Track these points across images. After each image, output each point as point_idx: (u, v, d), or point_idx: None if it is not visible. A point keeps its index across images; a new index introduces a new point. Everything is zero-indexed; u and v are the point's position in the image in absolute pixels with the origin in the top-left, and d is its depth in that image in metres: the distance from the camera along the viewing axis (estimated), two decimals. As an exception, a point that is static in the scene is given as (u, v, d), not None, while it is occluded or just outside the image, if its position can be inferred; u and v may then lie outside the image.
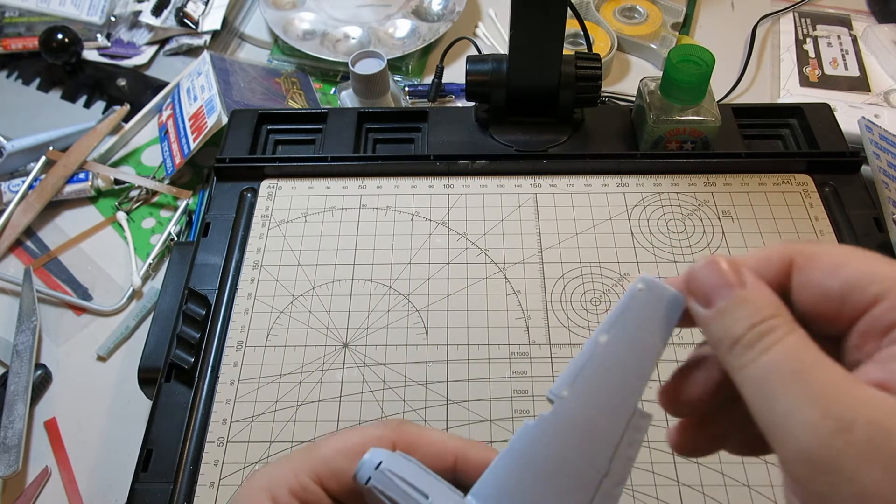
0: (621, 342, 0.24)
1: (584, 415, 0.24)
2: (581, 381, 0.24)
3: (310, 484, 0.26)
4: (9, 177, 0.67)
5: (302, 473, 0.26)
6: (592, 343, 0.24)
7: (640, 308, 0.24)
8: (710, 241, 0.53)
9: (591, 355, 0.24)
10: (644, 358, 0.24)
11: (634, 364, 0.24)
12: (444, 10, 0.79)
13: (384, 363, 0.47)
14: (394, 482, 0.24)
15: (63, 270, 0.62)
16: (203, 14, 0.79)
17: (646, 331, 0.24)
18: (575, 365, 0.24)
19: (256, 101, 0.70)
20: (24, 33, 0.80)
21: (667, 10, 0.79)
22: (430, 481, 0.24)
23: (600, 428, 0.24)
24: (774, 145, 0.60)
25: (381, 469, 0.24)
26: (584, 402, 0.24)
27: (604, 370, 0.24)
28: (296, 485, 0.25)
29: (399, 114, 0.63)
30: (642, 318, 0.24)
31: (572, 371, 0.24)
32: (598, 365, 0.24)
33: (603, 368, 0.24)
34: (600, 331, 0.24)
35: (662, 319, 0.24)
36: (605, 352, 0.24)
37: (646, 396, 0.24)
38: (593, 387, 0.24)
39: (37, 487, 0.49)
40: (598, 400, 0.24)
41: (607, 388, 0.24)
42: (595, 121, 0.60)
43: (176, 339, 0.48)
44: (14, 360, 0.54)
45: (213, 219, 0.55)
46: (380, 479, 0.24)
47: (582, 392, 0.24)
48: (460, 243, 0.53)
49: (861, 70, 0.72)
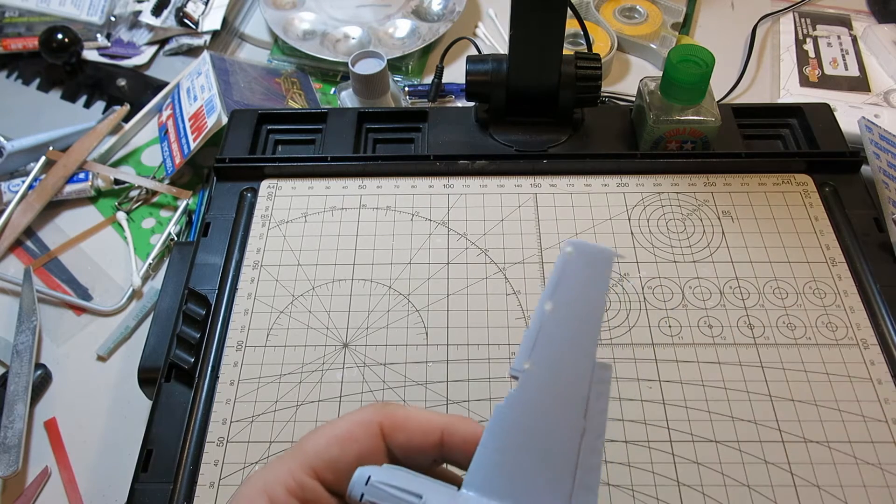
0: (566, 305, 0.25)
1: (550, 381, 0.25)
2: (538, 351, 0.25)
3: (306, 480, 0.26)
4: (9, 177, 0.67)
5: (296, 471, 0.26)
6: (540, 312, 0.25)
7: (574, 270, 0.25)
8: (710, 241, 0.53)
9: (541, 324, 0.25)
10: (590, 314, 0.25)
11: (582, 322, 0.25)
12: (444, 10, 0.79)
13: (384, 363, 0.47)
14: (386, 491, 0.24)
15: (63, 270, 0.62)
16: (203, 14, 0.79)
17: (585, 288, 0.25)
18: (529, 337, 0.25)
19: (256, 101, 0.70)
20: (24, 33, 0.80)
21: (667, 10, 0.79)
22: (421, 482, 0.25)
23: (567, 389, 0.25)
24: (774, 145, 0.60)
25: (372, 482, 0.24)
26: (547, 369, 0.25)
27: (556, 335, 0.25)
28: (292, 483, 0.26)
29: (399, 114, 0.63)
30: (579, 278, 0.25)
31: (528, 343, 0.25)
32: (550, 331, 0.25)
33: (555, 333, 0.25)
34: (544, 299, 0.25)
35: (597, 275, 0.25)
36: (553, 317, 0.25)
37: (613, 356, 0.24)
38: (551, 352, 0.25)
39: (37, 487, 0.49)
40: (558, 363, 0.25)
41: (564, 351, 0.25)
42: (595, 121, 0.60)
43: (176, 339, 0.48)
44: (14, 360, 0.54)
45: (213, 219, 0.55)
46: (372, 492, 0.24)
47: (542, 360, 0.25)
48: (460, 243, 0.53)
49: (861, 70, 0.72)
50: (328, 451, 0.26)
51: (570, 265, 0.25)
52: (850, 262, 0.51)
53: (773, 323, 0.48)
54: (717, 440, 0.43)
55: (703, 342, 0.47)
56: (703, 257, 0.52)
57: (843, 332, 0.47)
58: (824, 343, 0.47)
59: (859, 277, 0.50)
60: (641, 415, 0.44)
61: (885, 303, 0.48)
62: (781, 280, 0.50)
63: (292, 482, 0.26)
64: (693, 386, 0.45)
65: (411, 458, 0.27)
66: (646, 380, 0.46)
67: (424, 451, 0.27)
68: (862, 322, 0.48)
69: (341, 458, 0.26)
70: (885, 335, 0.47)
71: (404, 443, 0.27)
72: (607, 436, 0.43)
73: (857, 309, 0.49)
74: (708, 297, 0.50)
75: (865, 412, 0.44)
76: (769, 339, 0.47)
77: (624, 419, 0.44)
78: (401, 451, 0.27)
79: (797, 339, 0.47)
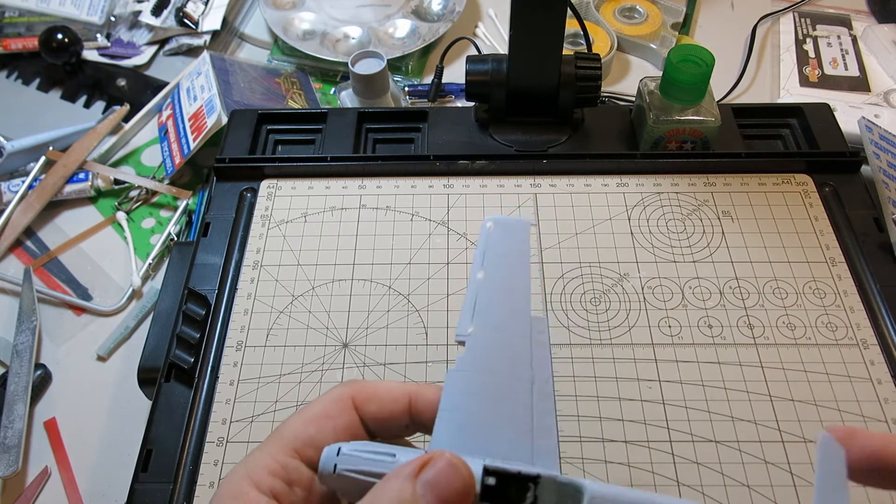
0: (495, 271, 0.29)
1: (494, 339, 0.27)
2: (479, 315, 0.28)
3: (288, 460, 0.26)
4: (9, 177, 0.67)
5: (277, 454, 0.26)
6: (474, 281, 0.28)
7: (497, 240, 0.29)
8: (710, 241, 0.53)
9: (477, 291, 0.28)
10: (517, 275, 0.29)
11: (512, 283, 0.28)
12: (444, 10, 0.79)
13: (384, 363, 0.47)
14: (359, 456, 0.25)
15: (63, 270, 0.62)
16: (203, 14, 0.79)
17: (509, 254, 0.29)
18: (468, 304, 0.28)
19: (256, 101, 0.70)
20: (24, 33, 0.80)
21: (667, 10, 0.79)
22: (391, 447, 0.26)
23: (510, 343, 0.27)
24: (774, 145, 0.60)
25: (343, 452, 0.25)
26: (489, 329, 0.27)
27: (492, 298, 0.28)
28: (274, 464, 0.26)
29: (399, 114, 0.63)
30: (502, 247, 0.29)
31: (468, 310, 0.28)
32: (486, 296, 0.28)
33: (491, 297, 0.28)
34: (475, 269, 0.29)
35: (518, 241, 0.29)
36: (486, 284, 0.28)
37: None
38: (490, 314, 0.28)
39: (37, 487, 0.49)
40: (498, 322, 0.28)
41: (501, 310, 0.28)
42: (595, 121, 0.60)
43: (176, 339, 0.48)
44: (14, 360, 0.54)
45: (213, 219, 0.55)
46: (345, 461, 0.25)
47: (482, 322, 0.28)
48: (460, 243, 0.53)
49: (861, 70, 0.72)
50: (305, 431, 0.27)
51: (492, 237, 0.29)
52: (850, 262, 0.51)
53: (773, 323, 0.48)
54: (717, 440, 0.43)
55: (703, 342, 0.47)
56: (703, 257, 0.52)
57: (842, 332, 0.47)
58: (824, 343, 0.47)
59: (859, 277, 0.50)
60: (641, 415, 0.44)
61: (885, 303, 0.48)
62: (781, 280, 0.50)
63: (275, 464, 0.26)
64: (693, 386, 0.45)
65: (384, 426, 0.28)
66: (646, 380, 0.45)
67: (395, 417, 0.28)
68: (862, 322, 0.48)
69: (319, 434, 0.26)
70: (885, 335, 0.47)
71: (376, 412, 0.28)
72: (608, 435, 0.43)
73: (857, 309, 0.49)
74: (708, 297, 0.50)
75: (865, 412, 0.44)
76: (769, 339, 0.47)
77: (624, 419, 0.44)
78: (374, 422, 0.28)
79: (797, 339, 0.47)
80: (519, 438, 0.25)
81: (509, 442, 0.25)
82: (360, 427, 0.28)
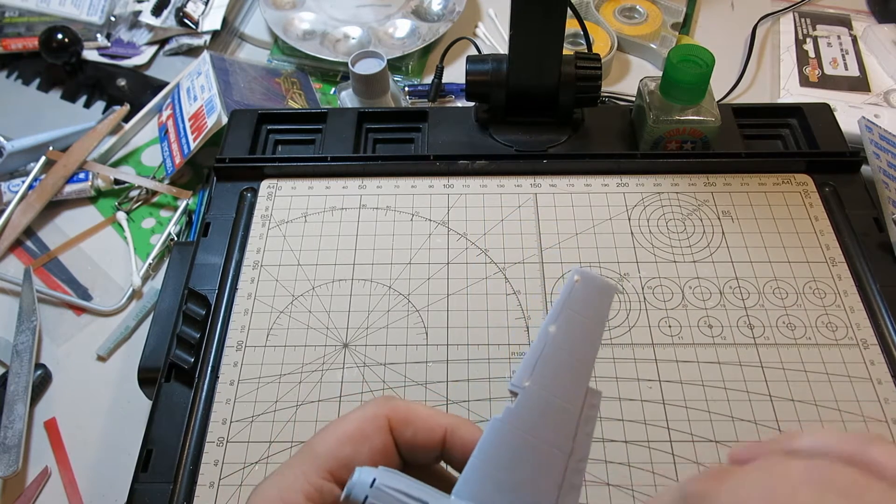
0: (568, 329, 0.26)
1: (546, 401, 0.26)
2: (539, 370, 0.26)
3: (322, 483, 0.25)
4: (9, 177, 0.67)
5: (311, 475, 0.25)
6: (544, 334, 0.26)
7: (579, 297, 0.27)
8: (710, 241, 0.53)
9: (544, 345, 0.26)
10: (590, 340, 0.27)
11: (582, 347, 0.26)
12: (444, 10, 0.79)
13: (384, 363, 0.47)
14: (392, 496, 0.24)
15: (63, 270, 0.62)
16: (203, 14, 0.79)
17: (587, 316, 0.27)
18: (531, 356, 0.26)
19: (256, 101, 0.70)
20: (24, 33, 0.80)
21: (667, 10, 0.79)
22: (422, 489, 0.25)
23: (561, 411, 0.26)
24: (774, 145, 0.60)
25: (377, 486, 0.24)
26: (545, 388, 0.26)
27: (557, 357, 0.26)
28: (309, 488, 0.25)
29: (399, 114, 0.63)
30: (583, 306, 0.27)
31: (530, 362, 0.26)
32: (551, 353, 0.26)
33: (556, 355, 0.26)
34: (548, 322, 0.27)
35: (600, 304, 0.27)
36: (555, 340, 0.26)
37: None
38: (550, 373, 0.26)
39: (37, 487, 0.49)
40: (556, 385, 0.26)
41: (562, 373, 0.26)
42: (595, 121, 0.60)
43: (176, 339, 0.48)
44: (14, 360, 0.54)
45: (213, 219, 0.55)
46: (378, 496, 0.24)
47: (541, 380, 0.26)
48: (460, 243, 0.53)
49: (861, 70, 0.72)
50: (341, 451, 0.26)
51: (575, 293, 0.27)
52: (850, 262, 0.51)
53: (773, 323, 0.48)
54: (717, 440, 0.43)
55: (703, 342, 0.47)
56: (703, 257, 0.52)
57: (843, 332, 0.47)
58: (824, 343, 0.47)
59: (859, 277, 0.50)
60: (641, 415, 0.44)
61: (885, 303, 0.48)
62: (781, 280, 0.50)
63: (309, 487, 0.25)
64: (693, 386, 0.45)
65: (416, 454, 0.27)
66: (646, 380, 0.46)
67: (429, 448, 0.27)
68: (862, 322, 0.48)
69: (355, 456, 0.26)
70: (885, 335, 0.47)
71: (410, 438, 0.27)
72: (608, 435, 0.43)
73: (857, 309, 0.49)
74: (708, 297, 0.50)
75: (865, 412, 0.44)
76: (769, 339, 0.47)
77: (624, 419, 0.44)
78: (406, 447, 0.27)
79: (797, 339, 0.47)
80: None
81: None
82: (394, 450, 0.27)
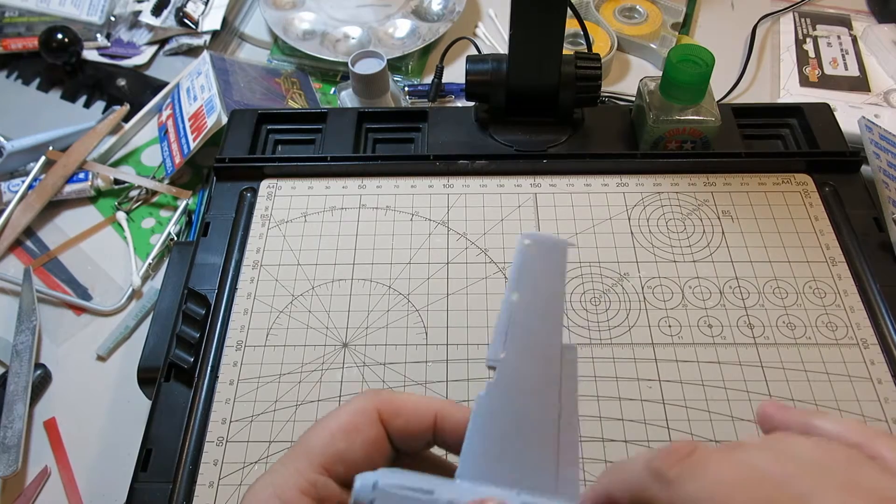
0: (531, 293, 0.27)
1: (524, 367, 0.26)
2: (511, 340, 0.26)
3: (318, 478, 0.25)
4: (9, 177, 0.67)
5: (305, 470, 0.25)
6: (507, 303, 0.27)
7: (534, 260, 0.27)
8: (710, 241, 0.53)
9: (510, 314, 0.27)
10: (553, 299, 0.27)
11: (547, 307, 0.27)
12: (444, 10, 0.79)
13: (384, 363, 0.47)
14: (397, 494, 0.24)
15: (63, 270, 0.62)
16: (203, 14, 0.79)
17: (546, 276, 0.27)
18: (500, 327, 0.26)
19: (256, 101, 0.70)
20: (24, 33, 0.80)
21: (667, 10, 0.79)
22: (424, 478, 0.25)
23: (541, 373, 0.26)
24: (774, 145, 0.60)
25: (380, 487, 0.24)
26: (520, 356, 0.26)
27: (525, 323, 0.26)
28: (304, 483, 0.25)
29: (399, 114, 0.63)
30: (539, 267, 0.27)
31: (500, 333, 0.26)
32: (519, 320, 0.26)
33: (525, 322, 0.26)
34: (510, 290, 0.27)
35: (556, 262, 0.27)
36: (520, 307, 0.26)
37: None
38: (522, 340, 0.26)
39: (36, 487, 0.49)
40: (530, 350, 0.26)
41: (534, 337, 0.26)
42: (595, 121, 0.60)
43: (175, 338, 0.48)
44: (14, 359, 0.54)
45: (213, 219, 0.55)
46: (383, 497, 0.24)
47: (515, 348, 0.26)
48: (460, 243, 0.53)
49: (861, 70, 0.72)
50: (335, 445, 0.26)
51: (529, 256, 0.27)
52: (850, 262, 0.51)
53: (773, 323, 0.48)
54: (717, 440, 0.43)
55: (703, 342, 0.47)
56: (703, 257, 0.52)
57: (843, 332, 0.47)
58: (824, 343, 0.47)
59: (859, 277, 0.50)
60: (641, 415, 0.44)
61: (885, 302, 0.48)
62: (781, 280, 0.50)
63: (304, 482, 0.25)
64: (693, 386, 0.45)
65: (408, 442, 0.28)
66: (646, 380, 0.45)
67: (420, 434, 0.27)
68: (862, 322, 0.48)
69: (349, 449, 0.26)
70: (885, 335, 0.47)
71: (402, 427, 0.27)
72: (608, 435, 0.43)
73: (857, 308, 0.49)
74: (708, 297, 0.50)
75: (865, 412, 0.44)
76: (769, 339, 0.47)
77: (624, 419, 0.44)
78: (398, 436, 0.27)
79: (797, 338, 0.47)
80: (544, 468, 0.25)
81: (535, 471, 0.25)
82: (386, 441, 0.27)
